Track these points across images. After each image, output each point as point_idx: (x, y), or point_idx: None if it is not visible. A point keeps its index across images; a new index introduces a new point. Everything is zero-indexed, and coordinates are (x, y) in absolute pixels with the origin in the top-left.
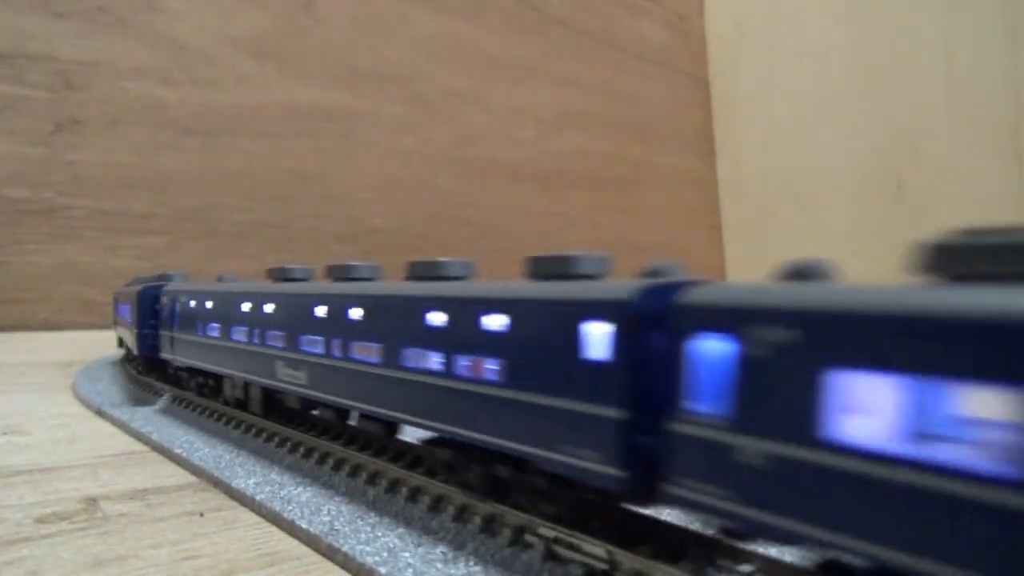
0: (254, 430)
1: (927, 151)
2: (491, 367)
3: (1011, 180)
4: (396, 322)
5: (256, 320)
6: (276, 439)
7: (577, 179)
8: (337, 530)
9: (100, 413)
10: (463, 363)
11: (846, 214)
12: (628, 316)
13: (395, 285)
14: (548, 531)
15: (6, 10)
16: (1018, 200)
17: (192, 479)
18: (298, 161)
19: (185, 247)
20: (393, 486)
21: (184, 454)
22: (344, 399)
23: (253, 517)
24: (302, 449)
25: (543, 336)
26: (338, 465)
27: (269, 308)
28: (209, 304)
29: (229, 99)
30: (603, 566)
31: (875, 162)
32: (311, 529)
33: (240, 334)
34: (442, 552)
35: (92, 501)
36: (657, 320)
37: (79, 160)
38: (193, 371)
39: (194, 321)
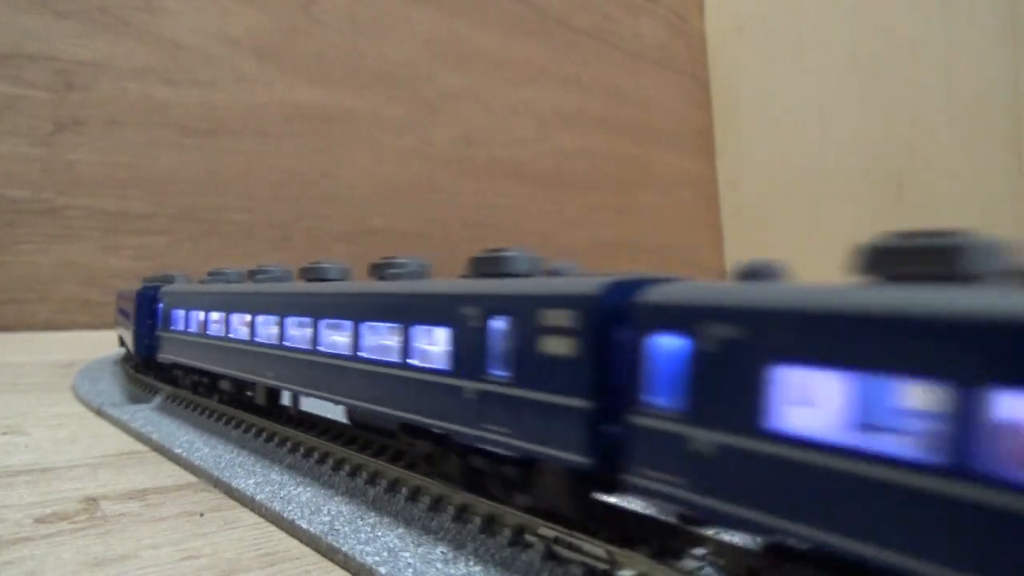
0: (254, 430)
1: (927, 151)
2: (152, 319)
3: (1011, 180)
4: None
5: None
6: (276, 439)
7: (577, 179)
8: (337, 530)
9: (100, 413)
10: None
11: (846, 213)
12: (145, 296)
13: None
14: (548, 531)
15: (6, 10)
16: (1018, 200)
17: (192, 479)
18: (298, 161)
19: (185, 247)
20: (393, 486)
21: (184, 454)
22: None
23: (253, 517)
24: (302, 449)
25: (152, 308)
26: (338, 465)
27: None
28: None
29: (229, 99)
30: (603, 566)
31: (875, 162)
32: (311, 529)
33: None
34: (442, 552)
35: (92, 501)
36: (156, 299)
37: (79, 160)
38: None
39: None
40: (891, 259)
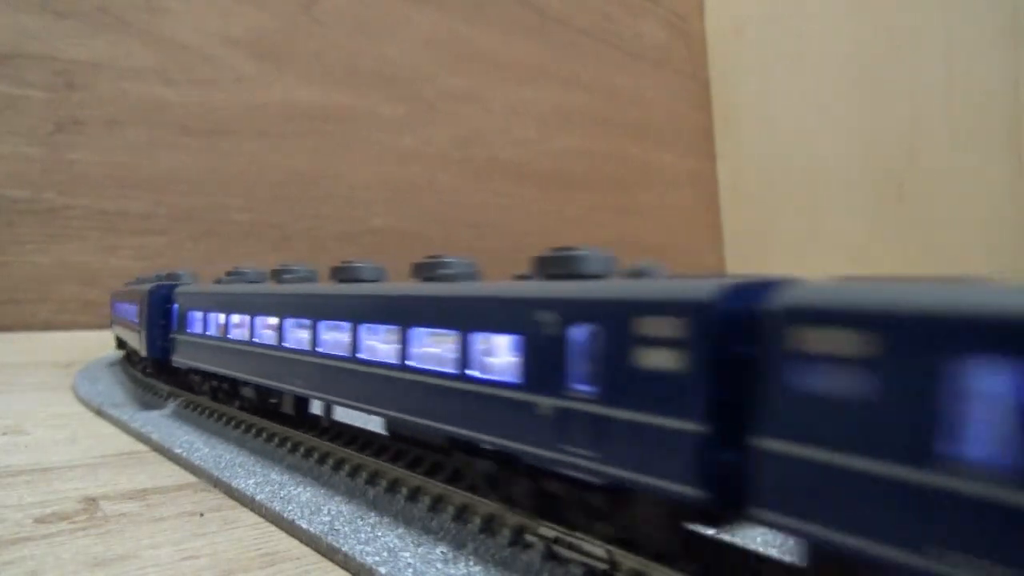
0: (254, 430)
1: (927, 151)
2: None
3: (1011, 180)
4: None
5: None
6: (276, 439)
7: (577, 179)
8: (337, 530)
9: (100, 413)
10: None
11: (846, 213)
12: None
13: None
14: (548, 531)
15: (6, 10)
16: (1018, 200)
17: (192, 479)
18: (298, 161)
19: (185, 247)
20: (393, 486)
21: (184, 454)
22: None
23: (253, 517)
24: (302, 449)
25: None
26: (338, 465)
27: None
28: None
29: (229, 99)
30: (603, 566)
31: (875, 162)
32: (311, 529)
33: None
34: (442, 552)
35: (92, 501)
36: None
37: (79, 160)
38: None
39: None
40: None
